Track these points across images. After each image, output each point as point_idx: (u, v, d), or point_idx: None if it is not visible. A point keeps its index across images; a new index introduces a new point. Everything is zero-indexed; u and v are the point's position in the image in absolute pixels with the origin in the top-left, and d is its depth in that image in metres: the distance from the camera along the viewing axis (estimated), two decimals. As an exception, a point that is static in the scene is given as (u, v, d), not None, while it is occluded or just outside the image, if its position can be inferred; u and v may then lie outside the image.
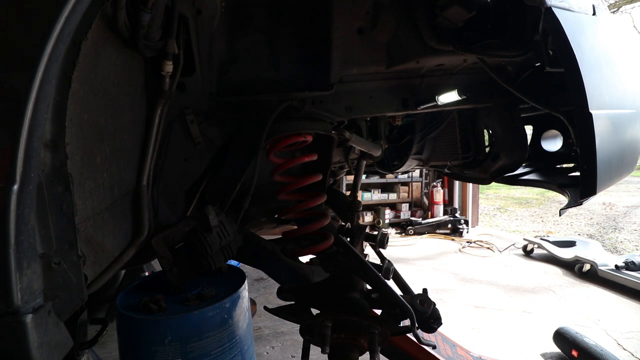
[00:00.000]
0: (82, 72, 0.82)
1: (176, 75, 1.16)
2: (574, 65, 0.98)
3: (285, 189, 1.42)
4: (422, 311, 1.14)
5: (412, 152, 2.30)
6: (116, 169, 1.07)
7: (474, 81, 1.56)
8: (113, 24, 0.92)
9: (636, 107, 1.25)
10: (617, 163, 1.15)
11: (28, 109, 0.64)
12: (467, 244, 5.65)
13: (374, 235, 1.36)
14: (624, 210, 7.28)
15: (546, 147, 1.82)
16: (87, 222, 0.91)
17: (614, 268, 3.78)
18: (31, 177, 0.65)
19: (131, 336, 1.22)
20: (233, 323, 1.28)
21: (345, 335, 1.10)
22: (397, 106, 1.52)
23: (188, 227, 1.18)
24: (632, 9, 10.43)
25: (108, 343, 2.55)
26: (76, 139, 0.83)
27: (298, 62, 1.41)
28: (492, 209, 8.60)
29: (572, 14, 1.06)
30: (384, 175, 6.43)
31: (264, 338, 2.81)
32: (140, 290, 1.39)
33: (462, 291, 3.81)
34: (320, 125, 1.41)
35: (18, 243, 0.63)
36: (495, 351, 2.64)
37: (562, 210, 1.34)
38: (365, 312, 1.18)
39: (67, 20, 0.68)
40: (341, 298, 1.20)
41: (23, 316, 0.63)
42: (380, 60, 1.39)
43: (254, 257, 1.35)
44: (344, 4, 1.23)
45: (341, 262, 1.15)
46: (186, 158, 1.35)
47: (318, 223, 1.42)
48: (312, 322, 1.13)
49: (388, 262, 1.29)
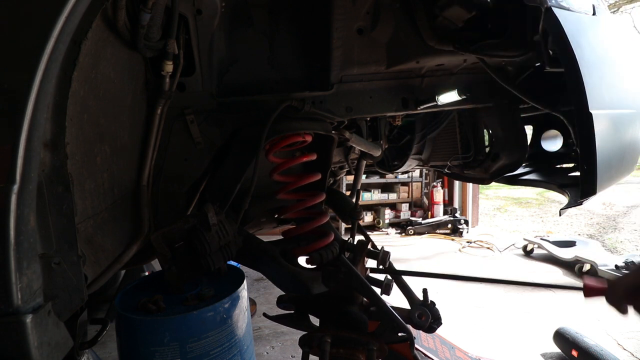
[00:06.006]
0: (82, 72, 0.82)
1: (176, 75, 1.17)
2: (574, 65, 0.98)
3: (285, 189, 1.42)
4: (420, 325, 1.20)
5: (412, 152, 2.31)
6: (116, 169, 1.07)
7: (474, 81, 1.56)
8: (113, 24, 0.92)
9: (636, 107, 1.25)
10: (617, 163, 1.15)
11: (28, 109, 0.64)
12: (467, 244, 5.65)
13: (376, 253, 1.38)
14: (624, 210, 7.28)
15: (546, 147, 1.82)
16: (87, 222, 0.91)
17: (614, 268, 3.77)
18: (31, 177, 0.65)
19: (130, 336, 1.22)
20: (232, 323, 1.28)
21: (344, 350, 1.13)
22: (397, 106, 1.52)
23: (187, 224, 1.18)
24: (632, 9, 10.43)
25: (108, 343, 2.55)
26: (76, 139, 0.83)
27: (298, 62, 1.41)
28: (492, 209, 8.60)
29: (572, 14, 1.07)
30: (384, 175, 6.43)
31: (264, 338, 2.81)
32: (139, 290, 1.38)
33: (462, 291, 3.81)
34: (320, 126, 1.41)
35: (18, 243, 0.63)
36: (495, 351, 2.63)
37: (562, 210, 1.35)
38: (364, 326, 1.21)
39: (67, 20, 0.68)
40: (340, 312, 1.23)
41: (23, 316, 0.63)
42: (380, 60, 1.39)
43: (253, 260, 1.35)
44: (344, 4, 1.23)
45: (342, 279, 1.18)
46: (186, 158, 1.35)
47: (317, 221, 1.42)
48: (311, 335, 1.15)
49: (387, 278, 1.32)
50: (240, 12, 1.32)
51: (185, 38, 1.19)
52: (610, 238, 5.87)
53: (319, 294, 1.27)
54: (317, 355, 1.12)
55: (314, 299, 1.32)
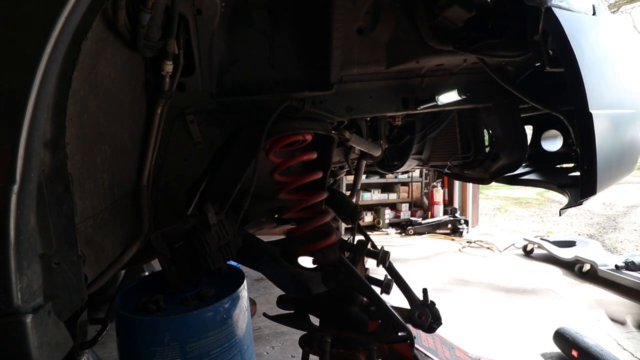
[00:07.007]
0: (82, 72, 0.82)
1: (176, 75, 1.17)
2: (574, 65, 0.98)
3: (285, 188, 1.42)
4: (420, 324, 1.20)
5: (412, 152, 2.30)
6: (116, 169, 1.07)
7: (474, 81, 1.56)
8: (113, 24, 0.92)
9: (636, 107, 1.25)
10: (617, 163, 1.15)
11: (28, 109, 0.64)
12: (467, 244, 5.65)
13: (375, 253, 1.38)
14: (624, 210, 7.28)
15: (546, 147, 1.82)
16: (87, 222, 0.91)
17: (614, 268, 3.77)
18: (31, 177, 0.65)
19: (130, 336, 1.21)
20: (232, 323, 1.28)
21: (344, 350, 1.13)
22: (397, 106, 1.52)
23: (187, 224, 1.18)
24: (632, 9, 10.43)
25: (108, 343, 2.55)
26: (76, 139, 0.83)
27: (298, 62, 1.41)
28: (492, 209, 8.60)
29: (572, 14, 1.06)
30: (384, 175, 6.43)
31: (264, 338, 2.81)
32: (139, 290, 1.38)
33: (462, 291, 3.81)
34: (320, 125, 1.40)
35: (18, 243, 0.63)
36: (495, 351, 2.64)
37: (562, 210, 1.35)
38: (365, 325, 1.21)
39: (67, 20, 0.68)
40: (341, 312, 1.23)
41: (23, 316, 0.63)
42: (380, 60, 1.39)
43: (253, 260, 1.35)
44: (344, 4, 1.23)
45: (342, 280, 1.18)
46: (186, 158, 1.34)
47: (319, 220, 1.42)
48: (312, 335, 1.15)
49: (387, 277, 1.32)
50: (240, 12, 1.32)
51: (185, 38, 1.19)
52: (610, 238, 5.87)
53: (319, 293, 1.27)
54: (318, 355, 1.13)
55: (314, 299, 1.32)
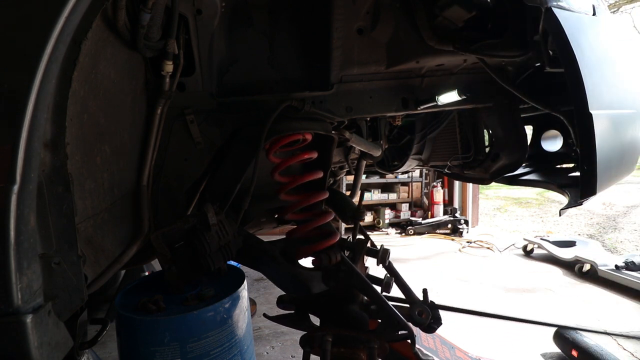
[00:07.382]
0: (82, 72, 0.82)
1: (176, 75, 1.17)
2: (574, 66, 0.98)
3: (285, 188, 1.42)
4: (420, 322, 1.20)
5: (412, 152, 2.31)
6: (116, 169, 1.07)
7: (474, 81, 1.56)
8: (113, 24, 0.92)
9: (636, 107, 1.25)
10: (617, 163, 1.15)
11: (28, 109, 0.64)
12: (467, 244, 5.65)
13: (375, 251, 1.38)
14: (624, 210, 7.27)
15: (546, 147, 1.82)
16: (87, 222, 0.91)
17: (614, 268, 3.77)
18: (31, 177, 0.65)
19: (130, 336, 1.22)
20: (232, 323, 1.28)
21: (345, 349, 1.13)
22: (397, 106, 1.52)
23: (187, 224, 1.18)
24: (632, 9, 10.42)
25: (108, 343, 2.55)
26: (76, 139, 0.83)
27: (298, 62, 1.41)
28: (492, 209, 8.60)
29: (572, 14, 1.06)
30: (384, 175, 6.43)
31: (264, 338, 2.81)
32: (139, 290, 1.38)
33: (462, 291, 3.81)
34: (320, 125, 1.40)
35: (18, 243, 0.63)
36: (495, 351, 2.63)
37: (562, 211, 1.34)
38: (365, 324, 1.21)
39: (67, 20, 0.68)
40: (341, 310, 1.23)
41: (23, 316, 0.63)
42: (380, 60, 1.39)
43: (253, 260, 1.35)
44: (344, 4, 1.23)
45: (342, 278, 1.18)
46: (186, 158, 1.34)
47: (321, 220, 1.41)
48: (312, 335, 1.15)
49: (387, 276, 1.32)
50: (240, 12, 1.32)
51: (185, 38, 1.19)
52: (610, 238, 5.87)
53: (319, 293, 1.27)
54: (318, 354, 1.12)
55: (314, 298, 1.32)
